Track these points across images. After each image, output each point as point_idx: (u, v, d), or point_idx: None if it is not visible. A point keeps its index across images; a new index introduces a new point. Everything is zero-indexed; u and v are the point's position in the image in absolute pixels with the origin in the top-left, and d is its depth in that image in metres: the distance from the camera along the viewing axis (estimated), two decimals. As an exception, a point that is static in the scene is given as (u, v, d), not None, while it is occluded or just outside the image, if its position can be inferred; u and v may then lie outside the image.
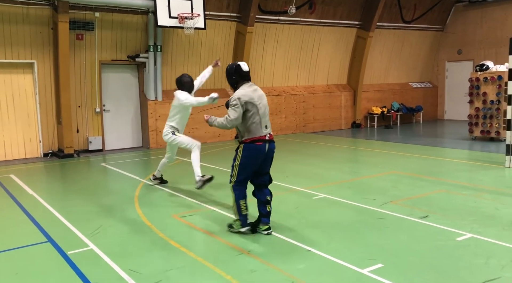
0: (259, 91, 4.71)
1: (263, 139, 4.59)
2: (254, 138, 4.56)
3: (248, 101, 4.52)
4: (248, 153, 4.56)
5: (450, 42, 16.34)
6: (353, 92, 14.90)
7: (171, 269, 3.93)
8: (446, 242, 4.39)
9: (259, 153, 4.59)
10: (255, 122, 4.56)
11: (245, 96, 4.53)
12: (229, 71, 4.71)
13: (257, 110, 4.57)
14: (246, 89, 4.62)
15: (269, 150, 4.65)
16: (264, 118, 4.65)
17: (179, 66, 11.75)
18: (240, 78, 4.68)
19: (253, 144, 4.56)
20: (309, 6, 13.21)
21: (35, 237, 4.84)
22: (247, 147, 4.57)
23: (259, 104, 4.60)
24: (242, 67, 4.66)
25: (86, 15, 10.31)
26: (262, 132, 4.60)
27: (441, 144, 10.96)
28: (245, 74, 4.68)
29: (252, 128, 4.56)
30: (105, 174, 8.48)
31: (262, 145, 4.59)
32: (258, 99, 4.62)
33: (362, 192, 6.46)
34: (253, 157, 4.58)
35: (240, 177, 4.63)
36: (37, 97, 10.19)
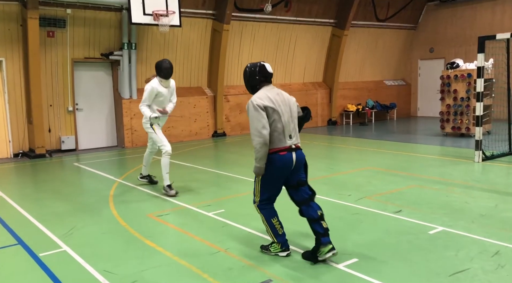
0: (283, 95, 4.03)
1: (287, 149, 3.89)
2: (276, 149, 3.86)
3: (268, 105, 3.83)
4: (272, 167, 3.87)
5: (422, 40, 16.72)
6: (329, 90, 15.06)
7: (147, 269, 3.88)
8: (419, 236, 4.50)
9: (285, 163, 3.88)
10: (277, 131, 3.85)
11: (265, 99, 3.85)
12: (252, 72, 4.02)
13: (279, 116, 3.85)
14: (266, 91, 3.96)
15: (297, 159, 3.94)
16: (288, 126, 3.92)
17: (154, 63, 11.53)
18: (265, 79, 4.03)
19: (276, 155, 3.85)
20: (285, 4, 13.26)
21: (4, 240, 4.70)
22: (270, 159, 3.85)
23: (282, 111, 3.90)
24: (266, 68, 4.04)
25: (57, 12, 10.05)
26: (286, 142, 3.89)
27: (414, 140, 11.22)
28: (269, 75, 4.05)
29: (274, 138, 3.84)
30: (79, 174, 8.30)
31: (287, 154, 3.88)
32: (282, 104, 3.93)
33: (337, 188, 6.55)
34: (279, 170, 3.90)
35: (265, 195, 4.00)
36: (6, 96, 9.88)
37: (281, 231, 4.06)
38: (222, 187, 6.90)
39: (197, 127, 12.38)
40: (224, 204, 5.84)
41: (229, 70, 13.00)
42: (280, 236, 4.05)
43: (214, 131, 12.75)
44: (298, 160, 3.95)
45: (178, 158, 9.15)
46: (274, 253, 4.08)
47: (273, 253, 4.09)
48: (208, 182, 7.28)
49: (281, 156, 3.85)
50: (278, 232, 4.04)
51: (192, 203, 5.89)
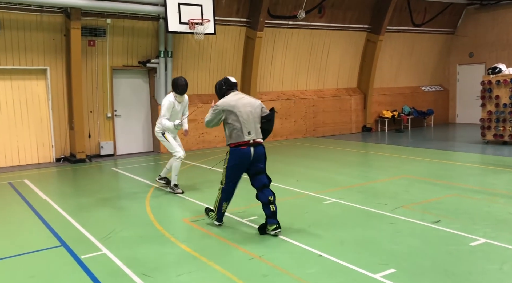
0: (245, 99, 4.99)
1: (246, 143, 4.82)
2: (236, 143, 4.84)
3: (226, 108, 4.88)
4: (233, 157, 4.87)
5: (461, 45, 16.22)
6: (363, 95, 14.85)
7: (183, 273, 3.95)
8: (459, 247, 4.35)
9: (244, 156, 4.84)
10: (236, 128, 4.84)
11: (224, 103, 4.91)
12: (219, 84, 5.18)
13: (236, 117, 4.83)
14: (229, 97, 4.98)
15: (255, 153, 4.86)
16: (247, 125, 4.85)
17: (189, 71, 11.84)
18: (230, 87, 5.10)
19: (238, 148, 4.83)
20: (319, 10, 13.22)
21: (49, 242, 4.91)
22: (232, 151, 4.88)
23: (240, 112, 4.84)
24: (229, 79, 5.15)
25: (97, 22, 10.46)
26: (244, 138, 4.82)
27: (452, 148, 10.86)
28: (232, 84, 5.12)
29: (233, 134, 4.86)
30: (117, 179, 8.56)
31: (246, 148, 4.83)
32: (241, 106, 4.89)
33: (373, 196, 6.43)
34: (238, 160, 4.86)
35: (229, 180, 4.98)
36: (50, 102, 10.34)
37: (223, 211, 5.14)
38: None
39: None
40: (257, 210, 5.85)
41: (262, 76, 13.07)
42: (220, 213, 5.16)
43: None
44: (256, 154, 4.87)
45: (211, 164, 9.25)
46: (210, 220, 5.28)
47: (210, 219, 5.28)
48: (242, 188, 7.30)
49: (241, 150, 4.82)
50: (221, 210, 5.13)
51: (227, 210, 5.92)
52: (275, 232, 4.77)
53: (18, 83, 10.06)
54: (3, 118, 9.92)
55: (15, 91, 10.02)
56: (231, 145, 4.87)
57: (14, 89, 10.01)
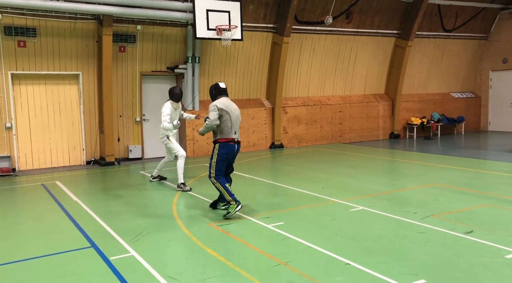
0: (233, 105, 6.03)
1: (233, 140, 5.83)
2: (226, 138, 5.78)
3: (223, 108, 5.79)
4: (223, 151, 5.79)
5: (494, 50, 15.75)
6: (391, 102, 14.61)
7: (209, 277, 3.96)
8: (494, 259, 4.19)
9: (231, 150, 5.84)
10: (227, 126, 5.80)
11: (221, 104, 5.83)
12: (211, 88, 6.10)
13: (229, 117, 5.81)
14: (222, 100, 5.92)
15: (237, 149, 5.95)
16: (235, 125, 5.91)
17: (216, 76, 11.95)
18: (219, 92, 6.01)
19: (227, 143, 5.78)
20: (346, 16, 13.13)
21: (79, 242, 5.03)
22: (222, 145, 5.79)
23: (232, 113, 5.86)
24: (219, 85, 6.06)
25: (128, 28, 10.72)
26: (232, 135, 5.84)
27: (485, 156, 10.52)
28: (222, 89, 6.03)
29: (225, 131, 5.79)
30: (144, 182, 8.70)
31: (233, 144, 5.85)
32: (233, 109, 5.91)
33: (401, 204, 6.29)
34: (227, 153, 5.80)
35: (217, 170, 5.80)
36: (82, 107, 10.65)
37: (232, 192, 5.79)
38: (281, 200, 6.89)
39: (255, 138, 12.53)
40: (283, 216, 5.83)
41: (288, 82, 13.06)
42: (232, 195, 5.75)
43: (272, 143, 12.82)
44: (237, 150, 5.95)
45: (236, 169, 9.28)
46: (234, 212, 5.65)
47: (233, 212, 5.65)
48: (267, 193, 7.32)
49: (230, 145, 5.82)
50: (230, 192, 5.76)
51: (251, 214, 5.94)
52: (225, 207, 5.95)
53: (52, 87, 10.41)
54: (38, 121, 10.28)
55: (49, 95, 10.37)
56: (221, 141, 5.78)
57: (48, 94, 10.36)
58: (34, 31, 9.76)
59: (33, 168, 10.25)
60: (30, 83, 10.17)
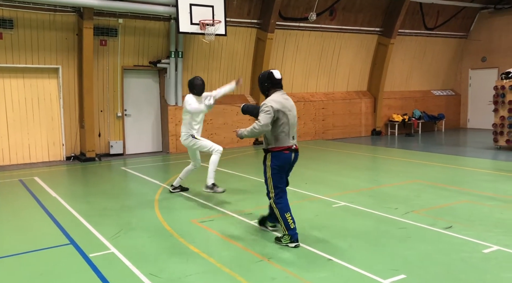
0: (290, 101, 4.71)
1: (289, 148, 4.58)
2: (281, 147, 4.54)
3: (280, 109, 4.49)
4: (276, 162, 4.56)
5: (474, 49, 16.03)
6: (373, 99, 14.75)
7: (191, 274, 3.92)
8: (472, 254, 4.27)
9: (286, 161, 4.60)
10: (284, 131, 4.53)
11: (278, 103, 4.51)
12: (262, 78, 4.70)
13: (287, 120, 4.54)
14: (278, 96, 4.60)
15: (294, 159, 4.68)
16: (293, 129, 4.63)
17: (199, 72, 11.84)
18: (272, 85, 4.66)
19: (281, 152, 4.54)
20: (330, 12, 13.17)
21: (58, 239, 4.92)
22: (275, 155, 4.56)
23: (290, 114, 4.58)
24: (274, 75, 4.65)
25: (110, 22, 10.52)
26: (290, 142, 4.59)
27: (464, 153, 10.72)
28: (277, 81, 4.66)
29: (281, 137, 4.52)
30: (126, 178, 8.58)
31: (289, 153, 4.58)
32: (290, 108, 4.62)
33: (383, 201, 6.35)
34: (281, 165, 4.58)
35: (277, 189, 4.61)
36: (61, 101, 10.42)
37: (292, 226, 4.54)
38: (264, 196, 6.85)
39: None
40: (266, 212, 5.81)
41: (273, 78, 13.02)
42: (291, 230, 4.54)
43: (256, 139, 12.80)
44: (294, 159, 4.69)
45: (220, 165, 9.23)
46: (284, 244, 4.56)
47: (284, 244, 4.57)
48: (250, 190, 7.29)
49: (285, 154, 4.57)
50: (290, 226, 4.54)
51: (234, 211, 5.91)
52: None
53: (31, 81, 10.15)
54: (15, 116, 10.01)
55: (27, 89, 10.11)
56: (274, 149, 4.54)
57: (26, 88, 10.10)
58: (11, 23, 9.49)
59: (10, 164, 9.99)
60: (7, 76, 9.89)
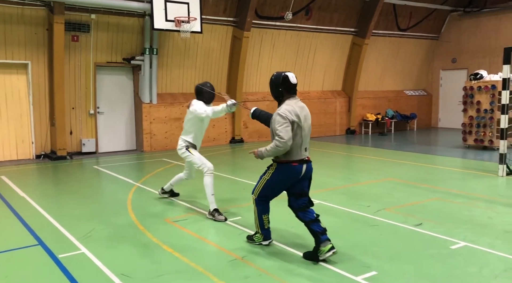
0: (305, 110, 4.25)
1: (300, 161, 4.18)
2: (290, 160, 4.14)
3: (295, 120, 4.07)
4: (281, 175, 4.18)
5: (445, 50, 16.48)
6: (348, 98, 14.95)
7: (164, 274, 3.88)
8: (440, 250, 4.38)
9: (293, 174, 4.16)
10: (297, 144, 4.12)
11: (292, 114, 4.07)
12: (275, 82, 4.21)
13: (301, 131, 4.13)
14: (293, 105, 4.13)
15: (306, 171, 4.22)
16: (306, 140, 4.22)
17: (174, 69, 11.72)
18: (287, 91, 4.19)
19: (288, 165, 4.13)
20: (306, 12, 13.26)
21: (25, 240, 4.77)
22: (281, 167, 4.15)
23: (304, 125, 4.16)
24: (290, 79, 4.16)
25: (82, 17, 10.26)
26: (301, 155, 4.18)
27: (435, 152, 11.01)
28: (292, 86, 4.19)
29: (293, 151, 4.11)
30: (98, 177, 8.40)
31: (298, 165, 4.15)
32: (304, 119, 4.18)
33: (356, 198, 6.45)
34: (286, 178, 4.19)
35: (264, 193, 4.30)
36: (31, 98, 10.11)
37: (267, 226, 4.47)
38: (239, 194, 6.87)
39: (215, 133, 12.43)
40: (241, 211, 5.82)
41: (248, 77, 13.03)
42: (265, 230, 4.48)
43: (232, 137, 12.77)
44: (307, 171, 4.25)
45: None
46: (258, 243, 4.51)
47: (257, 242, 4.52)
48: (225, 188, 7.27)
49: (293, 166, 4.14)
50: (264, 226, 4.46)
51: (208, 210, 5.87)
52: (333, 252, 4.01)
53: (-2, 77, 9.80)
54: (-19, 112, 9.66)
55: (-6, 85, 9.76)
56: (281, 162, 4.15)
57: (-7, 83, 9.75)
58: (-23, 16, 9.14)
59: (-24, 162, 9.65)
60: (-27, 72, 9.52)
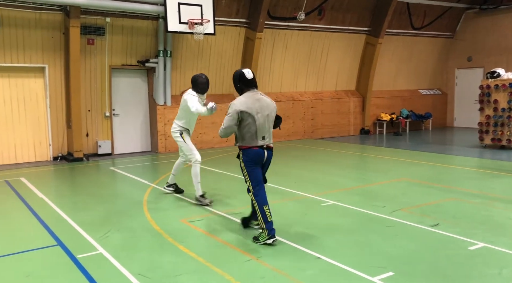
0: (263, 101, 4.62)
1: (258, 147, 4.62)
2: (249, 146, 4.60)
3: (244, 110, 4.49)
4: (249, 157, 4.62)
5: (460, 49, 16.25)
6: (362, 98, 14.85)
7: (180, 274, 3.91)
8: (458, 251, 4.33)
9: (258, 154, 4.63)
10: (251, 132, 4.54)
11: (242, 105, 4.51)
12: (234, 79, 4.72)
13: (253, 120, 4.51)
14: (246, 97, 4.58)
15: (267, 156, 4.71)
16: (263, 129, 4.58)
17: (188, 71, 11.81)
18: (245, 85, 4.65)
19: (250, 149, 4.61)
20: (318, 12, 13.22)
21: (45, 240, 4.87)
22: (245, 152, 4.64)
23: (257, 115, 4.53)
24: (245, 75, 4.61)
25: (97, 20, 10.42)
26: (258, 142, 4.58)
27: (450, 152, 10.87)
28: (248, 81, 4.63)
29: (247, 137, 4.57)
30: (114, 178, 8.51)
31: (259, 149, 4.62)
32: (259, 109, 4.56)
33: (371, 199, 6.41)
34: (255, 158, 4.63)
35: (254, 182, 4.63)
36: (48, 100, 10.29)
37: (270, 218, 4.58)
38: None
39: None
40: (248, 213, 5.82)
41: (261, 77, 13.05)
42: (269, 223, 4.56)
43: (245, 138, 12.79)
44: (267, 157, 4.72)
45: (209, 164, 9.23)
46: (262, 242, 4.55)
47: (262, 242, 4.56)
48: (239, 189, 7.29)
49: (254, 150, 4.60)
50: (267, 219, 4.57)
51: (223, 210, 5.91)
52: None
53: (16, 80, 10.01)
54: (1, 115, 9.86)
55: (13, 88, 9.97)
56: (243, 147, 4.63)
57: (12, 87, 9.96)
58: (-4, 21, 9.36)
59: (-4, 164, 9.86)
60: (-7, 76, 9.74)
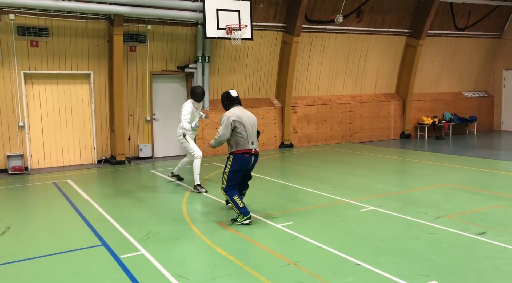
0: (247, 113, 5.72)
1: (249, 152, 5.51)
2: (242, 150, 5.47)
3: (236, 119, 5.49)
4: (237, 163, 5.49)
5: (508, 49, 15.51)
6: (402, 101, 14.48)
7: (219, 276, 3.96)
8: (507, 261, 4.13)
9: (246, 163, 5.52)
10: (243, 137, 5.49)
11: (233, 115, 5.52)
12: (222, 98, 5.81)
13: (244, 127, 5.51)
14: (235, 110, 5.62)
15: (254, 162, 5.62)
16: (252, 135, 5.59)
17: (225, 76, 11.97)
18: (231, 102, 5.74)
19: (242, 155, 5.47)
20: (357, 14, 13.04)
21: (90, 241, 5.07)
22: (236, 157, 5.49)
23: (246, 123, 5.54)
24: (231, 94, 5.75)
25: (139, 28, 10.78)
26: (249, 146, 5.53)
27: (498, 157, 10.37)
28: (234, 99, 5.73)
29: (240, 142, 5.49)
30: (155, 181, 8.74)
31: (249, 156, 5.52)
32: (246, 119, 5.58)
33: (412, 205, 6.23)
34: (241, 166, 5.50)
35: (230, 183, 5.50)
36: (93, 106, 10.73)
37: (241, 205, 5.43)
38: (290, 199, 6.87)
39: (264, 138, 12.51)
40: (292, 216, 5.81)
41: (298, 81, 13.02)
42: (242, 208, 5.42)
43: (281, 142, 12.79)
44: (254, 162, 5.62)
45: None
46: (240, 223, 5.42)
47: (240, 222, 5.43)
48: (276, 193, 7.30)
49: (245, 157, 5.49)
50: (239, 205, 5.42)
51: (261, 214, 5.93)
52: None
53: (64, 87, 10.51)
54: (50, 120, 10.38)
55: (60, 94, 10.47)
56: (236, 152, 5.48)
57: (60, 93, 10.46)
58: (46, 31, 9.87)
59: (45, 167, 10.37)
60: (42, 83, 10.27)
